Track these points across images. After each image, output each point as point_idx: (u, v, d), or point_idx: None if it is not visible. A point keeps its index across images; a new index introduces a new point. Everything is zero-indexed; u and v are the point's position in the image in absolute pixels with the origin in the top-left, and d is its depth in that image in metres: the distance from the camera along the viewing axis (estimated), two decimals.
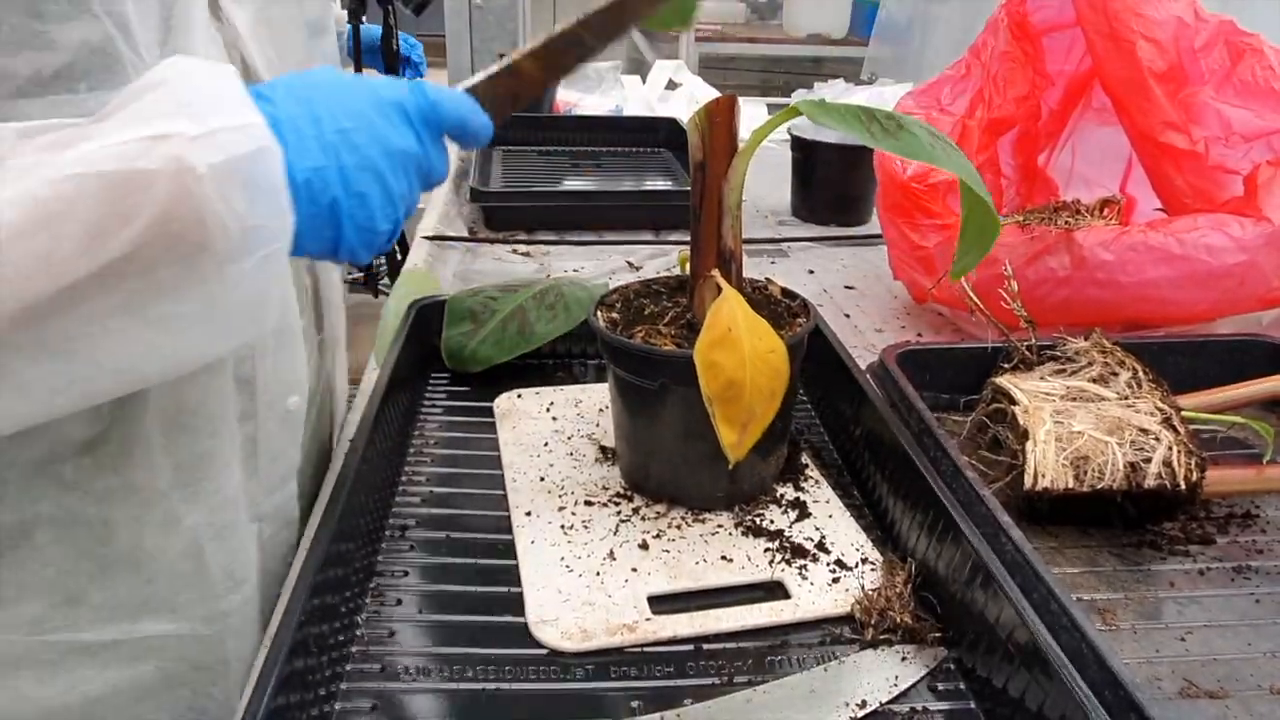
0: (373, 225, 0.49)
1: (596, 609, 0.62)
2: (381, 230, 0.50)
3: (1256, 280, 0.92)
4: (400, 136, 0.50)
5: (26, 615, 0.57)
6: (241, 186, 0.42)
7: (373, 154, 0.49)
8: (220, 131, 0.42)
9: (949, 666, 0.59)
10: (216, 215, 0.41)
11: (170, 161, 0.40)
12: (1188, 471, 0.68)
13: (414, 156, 0.51)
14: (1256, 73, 0.98)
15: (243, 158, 0.42)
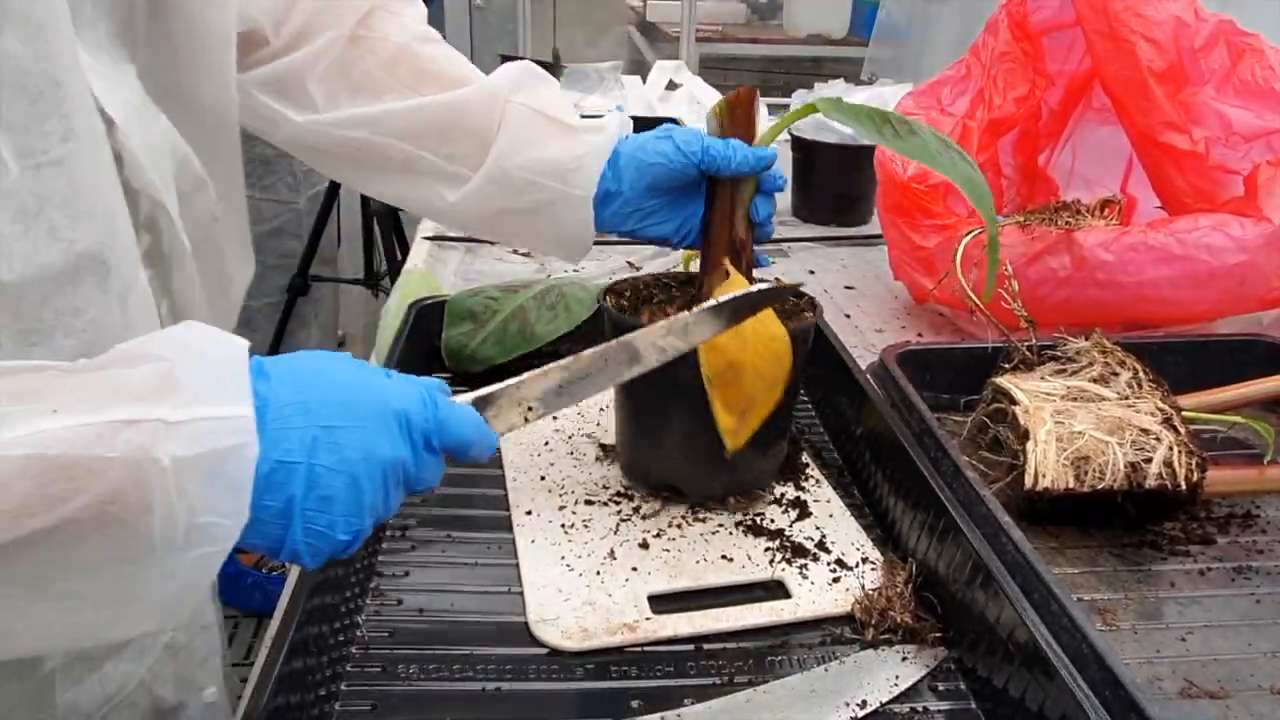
0: (330, 533, 0.44)
1: (597, 608, 0.62)
2: (339, 539, 0.44)
3: (1257, 280, 0.92)
4: (392, 446, 0.46)
5: None
6: (205, 481, 0.39)
7: (353, 457, 0.44)
8: (201, 421, 0.39)
9: (949, 666, 0.59)
10: (168, 507, 0.38)
11: (133, 450, 0.37)
12: (1188, 472, 0.68)
13: (400, 466, 0.47)
14: (1256, 72, 0.98)
15: (216, 453, 0.39)
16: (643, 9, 3.70)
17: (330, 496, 0.43)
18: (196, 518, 0.39)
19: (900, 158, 1.05)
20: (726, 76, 3.40)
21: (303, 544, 0.43)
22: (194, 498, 0.38)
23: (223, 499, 0.39)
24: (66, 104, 0.45)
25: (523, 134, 0.73)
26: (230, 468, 0.39)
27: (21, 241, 0.43)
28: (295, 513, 0.43)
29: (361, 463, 0.44)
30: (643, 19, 3.73)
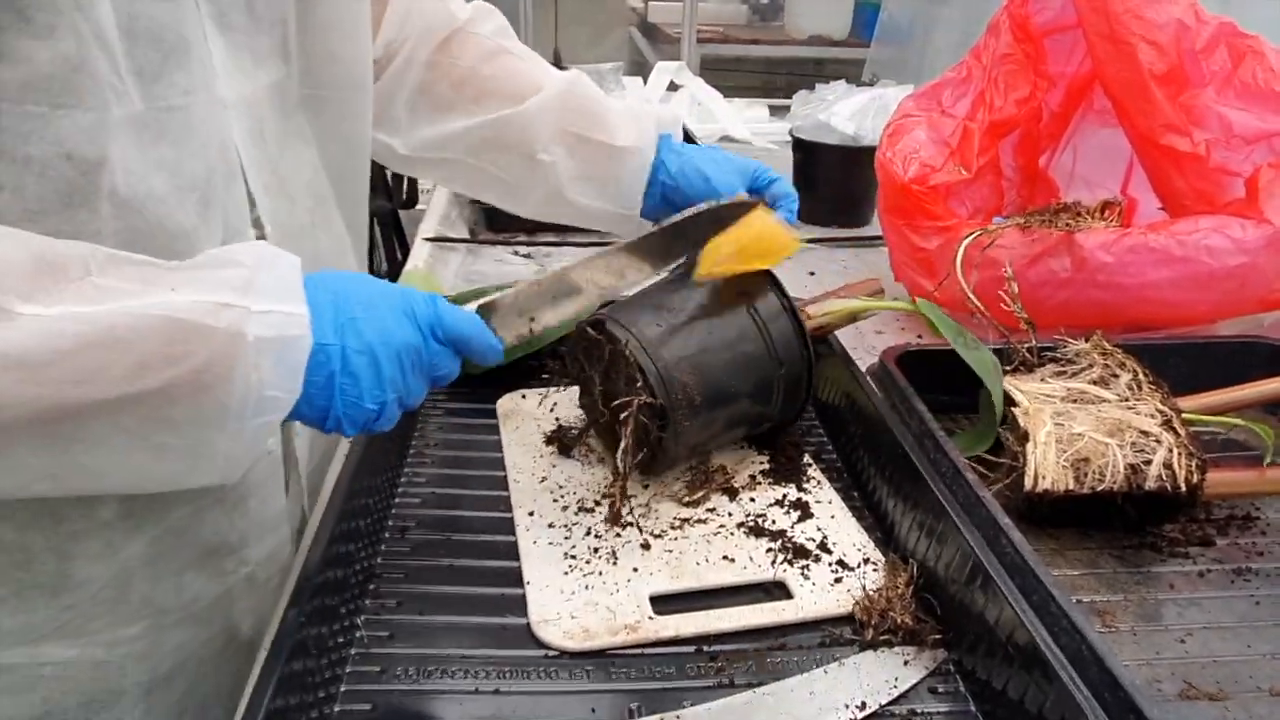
0: (360, 402, 0.54)
1: (599, 609, 0.62)
2: (368, 407, 0.55)
3: (1257, 282, 0.92)
4: (402, 332, 0.56)
5: None
6: (273, 360, 0.50)
7: (372, 340, 0.54)
8: (275, 313, 0.50)
9: (949, 668, 0.59)
10: (245, 378, 0.49)
11: (230, 326, 0.48)
12: (1188, 473, 0.68)
13: (413, 348, 0.57)
14: (1257, 75, 0.98)
15: (284, 338, 0.50)
16: (644, 10, 3.70)
17: (356, 373, 0.54)
18: (264, 390, 0.50)
19: (900, 159, 1.06)
20: (728, 78, 3.40)
21: (342, 413, 0.54)
22: (264, 372, 0.49)
23: (283, 377, 0.50)
24: (191, 65, 0.56)
25: (573, 164, 0.84)
26: (291, 352, 0.50)
27: (137, 164, 0.54)
28: (334, 386, 0.53)
29: (380, 345, 0.55)
30: (644, 20, 3.73)
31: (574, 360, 0.78)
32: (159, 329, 0.46)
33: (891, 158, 1.06)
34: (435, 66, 0.84)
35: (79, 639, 0.62)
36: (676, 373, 0.70)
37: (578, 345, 0.77)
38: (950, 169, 1.05)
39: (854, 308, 0.84)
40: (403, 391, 0.57)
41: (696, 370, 0.71)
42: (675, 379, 0.70)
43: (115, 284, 0.46)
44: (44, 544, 0.59)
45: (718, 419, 0.74)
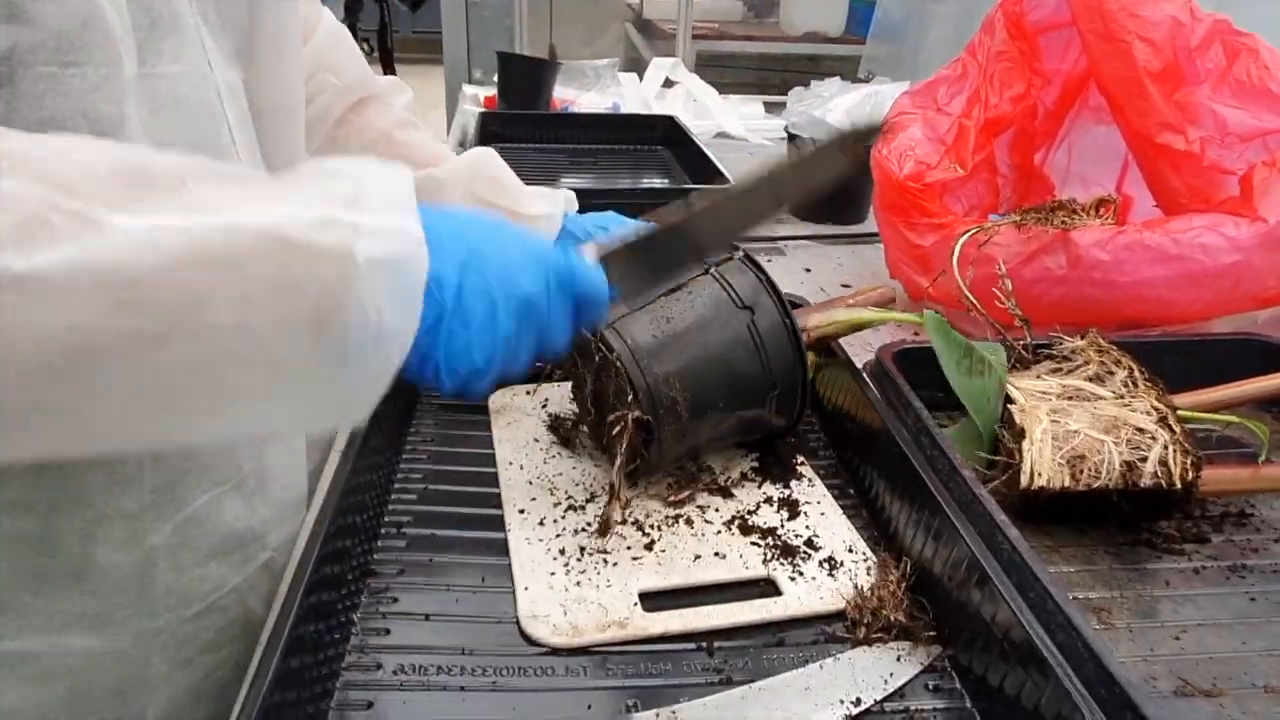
0: (467, 352, 0.48)
1: (588, 605, 0.62)
2: (475, 360, 0.49)
3: (1252, 280, 0.92)
4: (530, 281, 0.51)
5: None
6: (390, 283, 0.44)
7: (495, 283, 0.49)
8: (386, 229, 0.44)
9: (944, 665, 0.59)
10: (362, 305, 0.43)
11: (337, 245, 0.42)
12: (1183, 470, 0.68)
13: (535, 306, 0.51)
14: (1252, 72, 0.98)
15: (398, 258, 0.44)
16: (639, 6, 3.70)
17: (470, 316, 0.48)
18: (383, 318, 0.43)
19: (896, 156, 1.06)
20: (723, 74, 3.40)
21: (444, 362, 0.48)
22: (381, 297, 0.43)
23: (401, 303, 0.44)
24: (179, 35, 0.53)
25: None
26: (407, 274, 0.44)
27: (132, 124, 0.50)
28: (441, 329, 0.47)
29: (501, 289, 0.48)
30: (639, 16, 3.73)
31: (568, 356, 0.77)
32: (261, 247, 0.41)
33: (887, 155, 1.06)
34: (347, 124, 0.84)
35: (105, 629, 0.61)
36: (665, 387, 0.70)
37: None
38: (945, 166, 1.05)
39: (859, 319, 0.83)
40: (513, 352, 0.51)
41: (686, 385, 0.71)
42: (664, 394, 0.70)
43: (214, 194, 0.41)
44: (68, 529, 0.58)
45: (703, 432, 0.74)
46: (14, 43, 0.45)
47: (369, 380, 0.46)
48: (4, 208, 0.35)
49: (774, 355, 0.74)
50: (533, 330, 0.52)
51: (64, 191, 0.37)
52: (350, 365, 0.44)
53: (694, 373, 0.71)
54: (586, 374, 0.75)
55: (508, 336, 0.50)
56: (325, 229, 0.42)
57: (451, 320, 0.47)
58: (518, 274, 0.50)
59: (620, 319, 0.72)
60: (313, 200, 0.43)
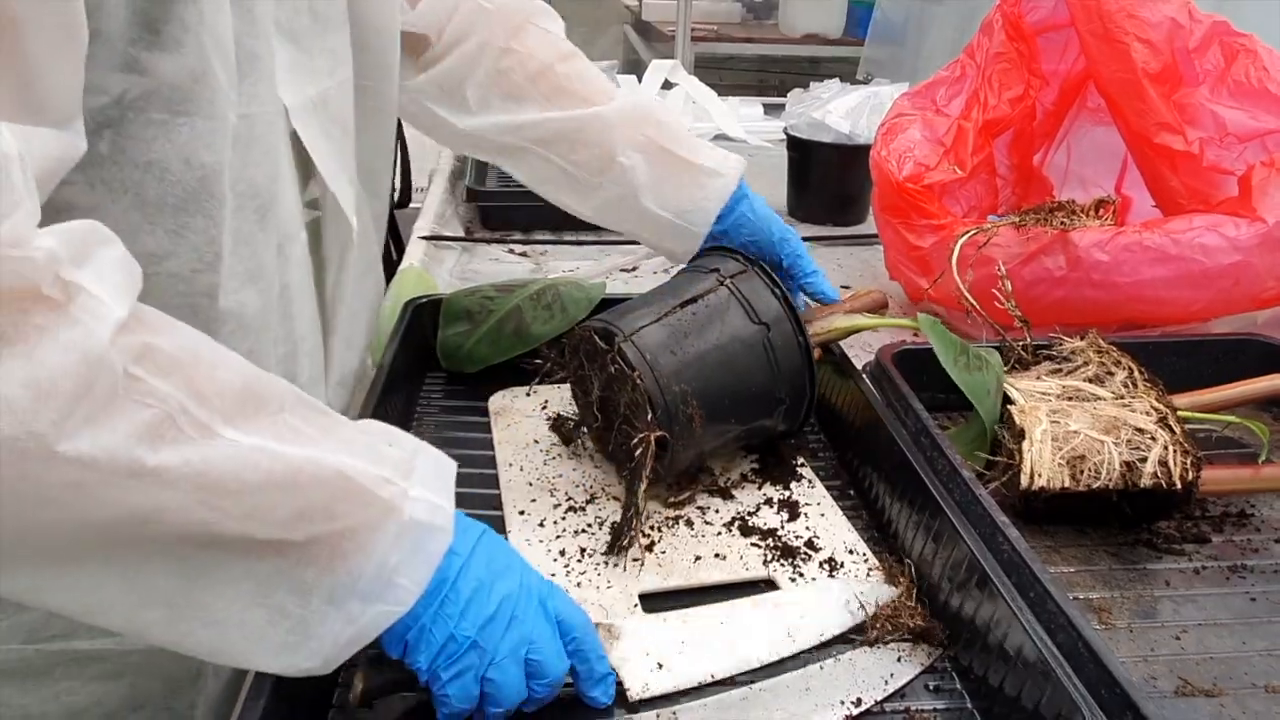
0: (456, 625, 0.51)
1: (588, 606, 0.62)
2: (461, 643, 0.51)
3: (1251, 280, 0.92)
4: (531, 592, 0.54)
5: (25, 624, 0.59)
6: (413, 547, 0.49)
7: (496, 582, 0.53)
8: (429, 501, 0.50)
9: (945, 665, 0.59)
10: (383, 555, 0.48)
11: (389, 499, 0.48)
12: (1183, 471, 0.68)
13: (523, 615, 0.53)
14: (1250, 73, 0.99)
15: (430, 527, 0.50)
16: (638, 8, 3.70)
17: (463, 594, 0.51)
18: (395, 576, 0.48)
19: (895, 158, 1.06)
20: (722, 76, 3.40)
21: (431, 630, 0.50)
22: (402, 555, 0.48)
23: (416, 567, 0.49)
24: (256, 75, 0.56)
25: (653, 171, 0.85)
26: (431, 545, 0.50)
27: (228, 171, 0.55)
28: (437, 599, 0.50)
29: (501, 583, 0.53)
30: (638, 18, 3.73)
31: (574, 358, 0.77)
32: (333, 484, 0.46)
33: (886, 156, 1.06)
34: (510, 54, 0.85)
35: None
36: (683, 405, 0.70)
37: (580, 346, 0.76)
38: (945, 168, 1.05)
39: (857, 325, 0.83)
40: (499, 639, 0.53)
41: (702, 402, 0.70)
42: (680, 410, 0.69)
43: (302, 426, 0.47)
44: None
45: (709, 441, 0.74)
46: (126, 89, 0.49)
47: (354, 632, 0.48)
48: (150, 404, 0.40)
49: (786, 370, 0.74)
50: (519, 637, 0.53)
51: (197, 400, 0.42)
52: (349, 608, 0.48)
53: (710, 390, 0.71)
54: (594, 378, 0.75)
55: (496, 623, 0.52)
56: (383, 485, 0.48)
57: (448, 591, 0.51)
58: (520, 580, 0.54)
59: (637, 331, 0.71)
60: (375, 459, 0.49)
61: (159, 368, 0.41)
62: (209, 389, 0.43)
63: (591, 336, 0.73)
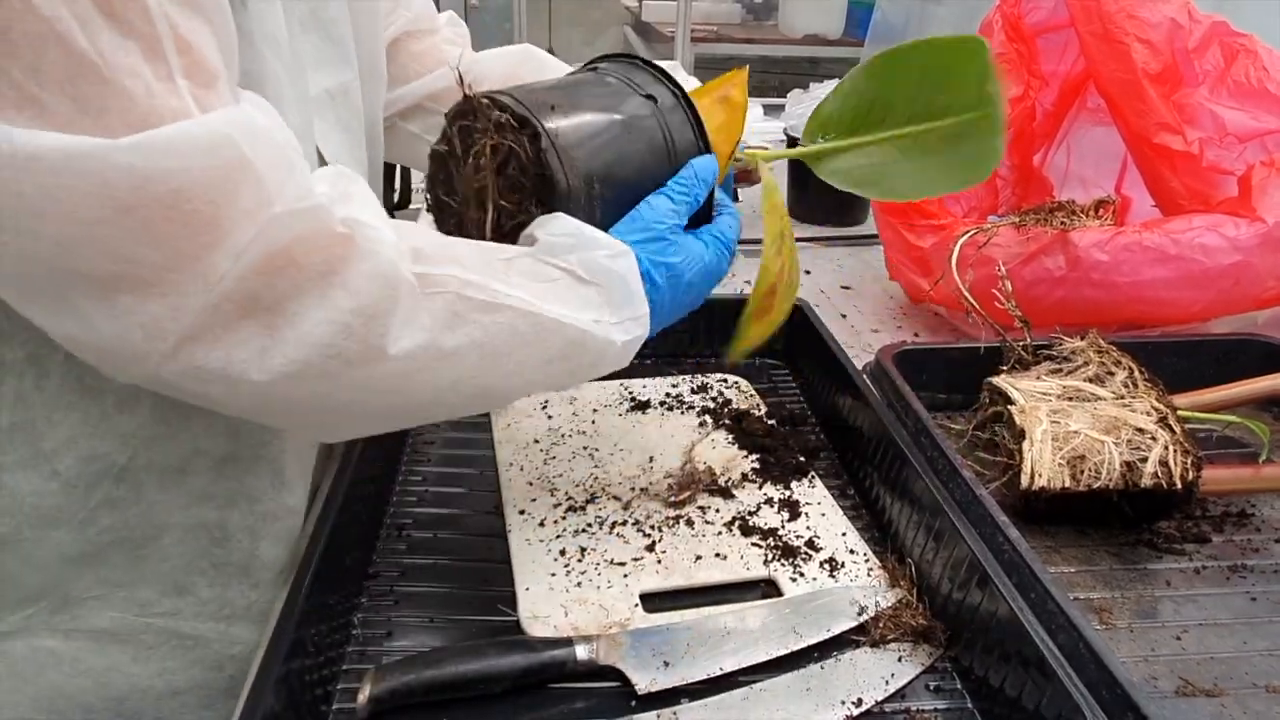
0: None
1: (589, 606, 0.62)
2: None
3: (1251, 280, 0.92)
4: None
5: (139, 598, 0.62)
6: (626, 355, 0.60)
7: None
8: (628, 320, 0.58)
9: (945, 665, 0.59)
10: (607, 365, 0.59)
11: (600, 334, 0.57)
12: (1184, 471, 0.68)
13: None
14: (1250, 74, 0.99)
15: (634, 340, 0.59)
16: (638, 9, 3.70)
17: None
18: (625, 353, 0.59)
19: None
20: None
21: None
22: (621, 358, 0.60)
23: (628, 355, 0.60)
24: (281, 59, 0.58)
25: None
26: (638, 341, 0.60)
27: None
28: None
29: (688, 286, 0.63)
30: (638, 19, 3.73)
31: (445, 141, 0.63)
32: (563, 334, 0.55)
33: None
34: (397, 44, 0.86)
35: (265, 623, 0.65)
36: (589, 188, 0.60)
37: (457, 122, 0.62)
38: None
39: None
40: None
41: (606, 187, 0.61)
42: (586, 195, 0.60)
43: (524, 281, 0.55)
44: (239, 524, 0.64)
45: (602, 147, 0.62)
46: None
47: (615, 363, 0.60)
48: (439, 292, 0.51)
49: (679, 139, 0.66)
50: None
51: (467, 270, 0.52)
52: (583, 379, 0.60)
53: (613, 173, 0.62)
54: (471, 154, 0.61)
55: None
56: (595, 327, 0.57)
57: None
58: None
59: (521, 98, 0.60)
60: (584, 305, 0.57)
61: (431, 259, 0.51)
62: (467, 259, 0.53)
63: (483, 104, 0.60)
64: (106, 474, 0.58)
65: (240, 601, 0.65)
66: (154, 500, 0.60)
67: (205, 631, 0.65)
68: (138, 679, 0.64)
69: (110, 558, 0.61)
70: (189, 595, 0.64)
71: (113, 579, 0.61)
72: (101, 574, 0.61)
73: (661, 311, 0.62)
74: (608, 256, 0.58)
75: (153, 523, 0.61)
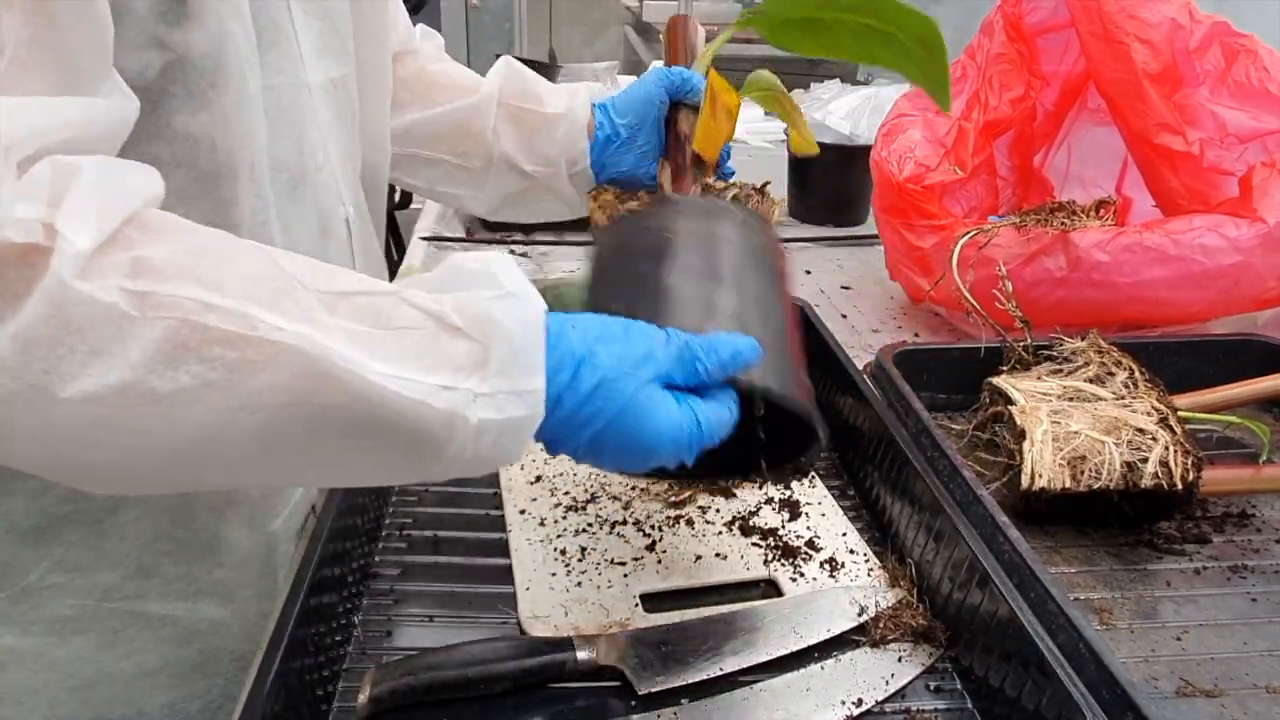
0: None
1: (589, 606, 0.62)
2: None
3: (1251, 280, 0.92)
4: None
5: (100, 584, 0.62)
6: (495, 438, 0.45)
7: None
8: (501, 394, 0.44)
9: (946, 666, 0.59)
10: (463, 449, 0.45)
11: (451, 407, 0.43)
12: (1184, 471, 0.68)
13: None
14: (1251, 74, 0.99)
15: (509, 421, 0.45)
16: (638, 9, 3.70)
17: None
18: (483, 453, 0.45)
19: (895, 158, 1.06)
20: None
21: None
22: (484, 448, 0.45)
23: (507, 450, 0.46)
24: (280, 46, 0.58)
25: (518, 133, 0.85)
26: (516, 432, 0.45)
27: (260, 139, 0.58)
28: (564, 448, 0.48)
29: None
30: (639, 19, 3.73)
31: None
32: (371, 399, 0.42)
33: (887, 157, 1.06)
34: None
35: (231, 602, 0.68)
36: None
37: None
38: (945, 168, 1.05)
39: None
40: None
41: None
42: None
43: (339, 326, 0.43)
44: (202, 506, 0.64)
45: None
46: (162, 65, 0.50)
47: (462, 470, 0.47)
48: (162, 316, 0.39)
49: None
50: None
51: (219, 293, 0.40)
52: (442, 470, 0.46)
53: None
54: None
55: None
56: (439, 395, 0.43)
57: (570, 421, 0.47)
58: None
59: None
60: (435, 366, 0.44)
61: (161, 275, 0.39)
62: (230, 281, 0.40)
63: None
64: None
65: (206, 579, 0.65)
66: None
67: (171, 610, 0.64)
68: (105, 664, 0.63)
69: (66, 535, 0.60)
70: (154, 576, 0.63)
71: (70, 561, 0.60)
72: (58, 554, 0.60)
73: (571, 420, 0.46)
74: (494, 297, 0.45)
75: (109, 497, 0.60)
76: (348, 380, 0.41)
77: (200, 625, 0.66)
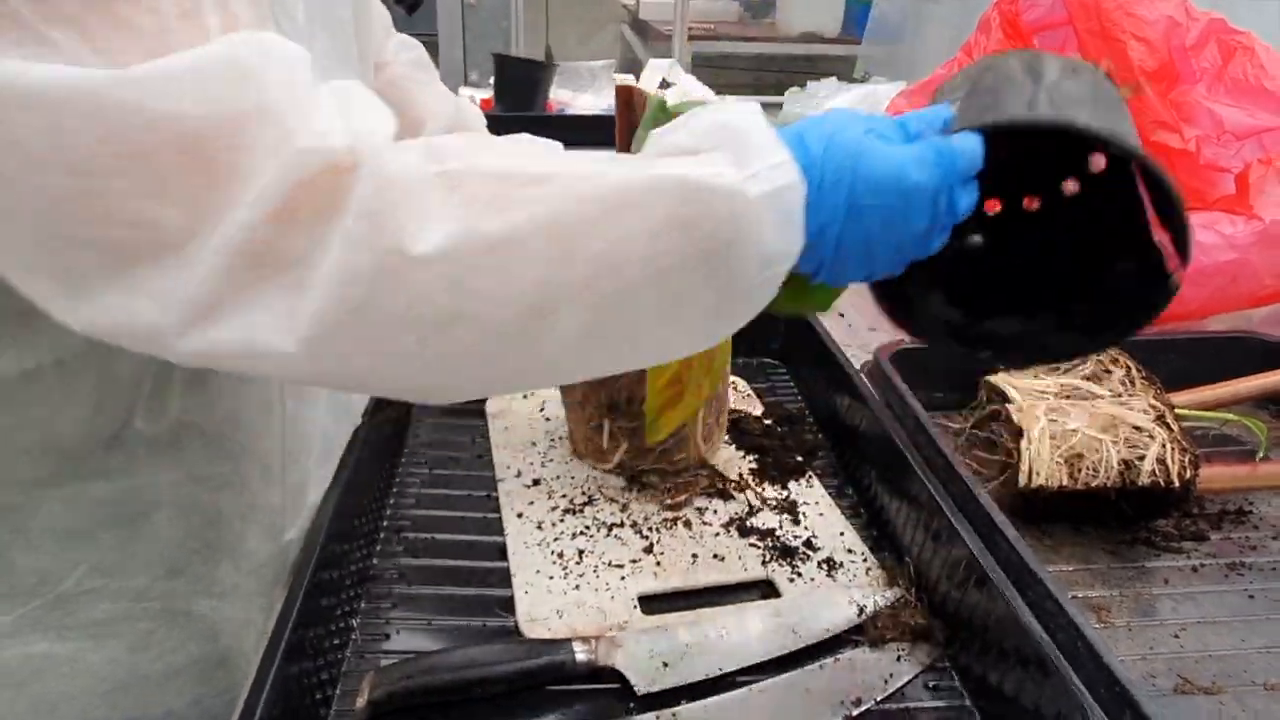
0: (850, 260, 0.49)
1: (586, 608, 0.62)
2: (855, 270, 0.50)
3: (1248, 278, 0.92)
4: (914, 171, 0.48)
5: (134, 586, 0.62)
6: (773, 213, 0.46)
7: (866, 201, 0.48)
8: (762, 171, 0.46)
9: (944, 665, 0.59)
10: (750, 236, 0.45)
11: (730, 186, 0.45)
12: (1181, 469, 0.68)
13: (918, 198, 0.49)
14: (1248, 71, 0.99)
15: (778, 191, 0.46)
16: (635, 7, 3.70)
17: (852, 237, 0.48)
18: (767, 246, 0.46)
19: None
20: (719, 75, 3.40)
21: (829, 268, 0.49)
22: (767, 227, 0.45)
23: (783, 229, 0.46)
24: None
25: None
26: (787, 200, 0.46)
27: None
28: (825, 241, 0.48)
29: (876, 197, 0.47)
30: (635, 17, 3.72)
31: None
32: (665, 190, 0.44)
33: None
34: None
35: (250, 604, 0.68)
36: None
37: None
38: None
39: None
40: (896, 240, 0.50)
41: None
42: None
43: (590, 166, 0.46)
44: (231, 509, 0.65)
45: None
46: None
47: (757, 301, 0.48)
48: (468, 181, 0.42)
49: None
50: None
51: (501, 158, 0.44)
52: (741, 294, 0.47)
53: None
54: None
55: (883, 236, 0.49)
56: (719, 178, 0.45)
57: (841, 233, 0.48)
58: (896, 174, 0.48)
59: None
60: (709, 162, 0.46)
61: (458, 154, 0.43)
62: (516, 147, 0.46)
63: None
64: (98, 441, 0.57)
65: (228, 581, 0.66)
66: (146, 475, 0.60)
67: (198, 607, 0.65)
68: (138, 666, 0.64)
69: (101, 538, 0.60)
70: (182, 575, 0.64)
71: (105, 564, 0.61)
72: (94, 559, 0.60)
73: (823, 186, 0.47)
74: (718, 113, 0.48)
75: (144, 499, 0.60)
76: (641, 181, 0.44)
77: (224, 624, 0.66)
